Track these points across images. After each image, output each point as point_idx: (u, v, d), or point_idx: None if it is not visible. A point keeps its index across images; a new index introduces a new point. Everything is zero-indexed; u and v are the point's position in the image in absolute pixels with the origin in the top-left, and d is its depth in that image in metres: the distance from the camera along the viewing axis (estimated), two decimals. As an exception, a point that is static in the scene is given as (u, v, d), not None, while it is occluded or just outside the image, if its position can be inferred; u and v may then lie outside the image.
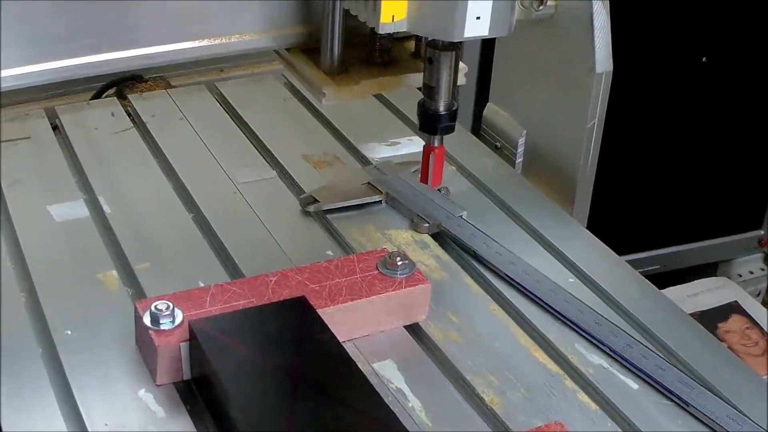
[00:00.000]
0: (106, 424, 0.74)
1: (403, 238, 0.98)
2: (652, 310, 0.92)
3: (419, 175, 1.02)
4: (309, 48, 0.92)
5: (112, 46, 0.85)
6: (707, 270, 1.70)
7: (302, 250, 0.94)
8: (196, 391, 0.78)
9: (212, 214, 0.99)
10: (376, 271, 0.86)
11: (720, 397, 0.82)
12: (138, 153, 1.10)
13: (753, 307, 1.58)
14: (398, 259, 0.86)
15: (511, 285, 0.92)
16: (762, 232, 1.74)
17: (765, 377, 0.90)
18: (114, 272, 0.90)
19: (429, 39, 0.88)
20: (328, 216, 1.00)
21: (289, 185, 1.05)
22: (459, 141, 1.09)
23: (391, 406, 0.73)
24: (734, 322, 1.55)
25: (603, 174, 1.13)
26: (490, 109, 1.20)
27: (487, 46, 1.26)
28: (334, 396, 0.73)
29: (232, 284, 0.83)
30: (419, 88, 0.93)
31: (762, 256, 1.78)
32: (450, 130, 0.89)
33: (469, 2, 0.77)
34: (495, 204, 1.05)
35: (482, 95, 1.28)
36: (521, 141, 1.15)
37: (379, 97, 1.23)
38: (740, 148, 1.61)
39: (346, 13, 0.85)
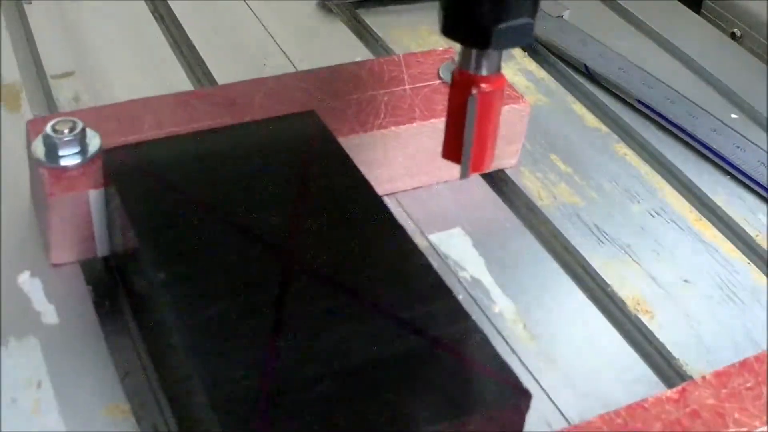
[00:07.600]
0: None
1: (473, 43, 0.63)
2: None
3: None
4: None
5: None
6: None
7: (317, 58, 0.60)
8: (118, 277, 0.45)
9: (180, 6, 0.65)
10: (438, 81, 0.52)
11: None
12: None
13: None
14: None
15: (639, 113, 0.59)
16: None
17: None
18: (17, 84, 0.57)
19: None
20: (359, 10, 0.66)
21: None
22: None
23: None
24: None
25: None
26: None
27: None
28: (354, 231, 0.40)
29: (191, 95, 0.49)
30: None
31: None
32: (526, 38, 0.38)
33: None
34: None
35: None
36: None
37: None
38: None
39: None
